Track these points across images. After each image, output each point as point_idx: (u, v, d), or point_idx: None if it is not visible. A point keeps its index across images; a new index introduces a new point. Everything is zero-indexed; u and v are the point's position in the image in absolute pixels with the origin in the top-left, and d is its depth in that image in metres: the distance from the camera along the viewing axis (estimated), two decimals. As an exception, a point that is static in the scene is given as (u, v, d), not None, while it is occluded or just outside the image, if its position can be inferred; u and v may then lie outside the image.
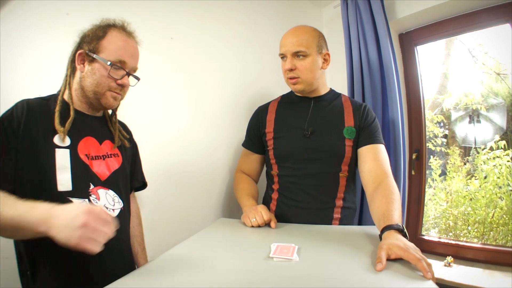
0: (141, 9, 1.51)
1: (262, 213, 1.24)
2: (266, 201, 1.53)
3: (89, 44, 1.02)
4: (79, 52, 1.03)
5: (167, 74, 1.61)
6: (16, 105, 0.97)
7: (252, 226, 1.23)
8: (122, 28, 1.08)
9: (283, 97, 1.59)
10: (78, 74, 1.06)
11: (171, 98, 1.63)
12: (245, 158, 1.63)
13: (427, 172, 2.15)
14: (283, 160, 1.44)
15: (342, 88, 1.96)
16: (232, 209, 1.84)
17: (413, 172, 2.06)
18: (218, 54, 1.83)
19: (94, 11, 1.32)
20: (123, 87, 1.08)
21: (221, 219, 1.46)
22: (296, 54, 1.36)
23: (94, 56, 1.01)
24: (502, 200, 2.31)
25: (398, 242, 0.85)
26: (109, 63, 1.00)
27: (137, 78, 1.14)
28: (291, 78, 1.40)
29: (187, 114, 1.69)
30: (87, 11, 1.31)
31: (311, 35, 1.38)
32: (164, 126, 1.59)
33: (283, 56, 1.41)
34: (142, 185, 1.35)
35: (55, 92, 1.12)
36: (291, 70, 1.38)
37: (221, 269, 0.84)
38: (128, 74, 1.07)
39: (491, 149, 2.44)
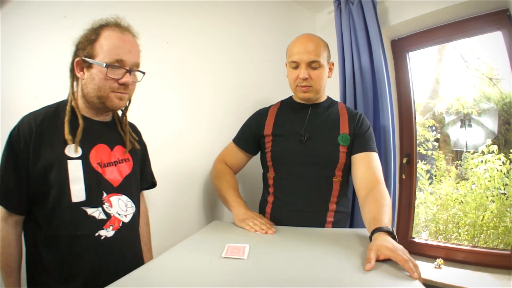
0: (138, 12, 1.52)
1: (260, 222, 1.26)
2: (262, 205, 1.55)
3: (84, 50, 1.00)
4: (76, 60, 1.01)
5: (163, 77, 1.62)
6: (23, 121, 0.97)
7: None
8: (115, 25, 1.03)
9: (283, 102, 1.61)
10: (80, 81, 1.04)
11: (167, 100, 1.64)
12: (232, 152, 1.63)
13: (417, 176, 2.18)
14: (279, 163, 1.46)
15: (335, 94, 1.98)
16: (227, 211, 1.85)
17: (403, 176, 2.09)
18: (213, 56, 1.85)
19: (91, 14, 1.33)
20: (126, 86, 1.03)
21: (215, 221, 1.47)
22: (311, 64, 1.39)
23: (90, 61, 0.98)
24: (492, 203, 2.34)
25: (387, 244, 0.88)
26: (104, 64, 0.97)
27: (142, 73, 1.09)
28: (303, 86, 1.42)
29: (183, 116, 1.70)
30: (84, 14, 1.31)
31: (322, 45, 1.41)
32: (160, 129, 1.60)
33: (296, 65, 1.41)
34: (151, 184, 1.36)
35: (52, 94, 1.13)
36: (305, 79, 1.40)
37: (209, 272, 0.86)
38: (129, 71, 1.02)
39: (483, 153, 2.48)
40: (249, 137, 1.58)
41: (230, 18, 1.96)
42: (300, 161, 1.42)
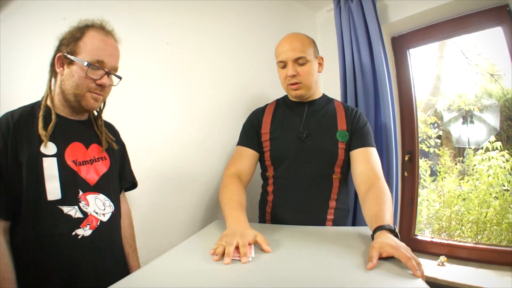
0: (137, 14, 1.53)
1: (249, 237, 0.99)
2: (261, 204, 1.54)
3: (67, 47, 1.00)
4: (58, 55, 1.01)
5: (163, 77, 1.63)
6: (0, 120, 0.96)
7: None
8: (100, 28, 1.05)
9: (278, 101, 1.61)
10: (59, 78, 1.04)
11: (165, 100, 1.64)
12: (240, 155, 1.50)
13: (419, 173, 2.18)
14: (278, 162, 1.46)
15: (335, 92, 1.99)
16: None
17: (405, 174, 2.08)
18: (211, 56, 1.85)
19: (90, 17, 1.33)
20: (103, 88, 1.05)
21: (217, 221, 1.47)
22: (297, 61, 1.39)
23: (72, 58, 0.99)
24: (496, 200, 2.33)
25: (390, 241, 0.88)
26: (86, 63, 0.98)
27: (119, 77, 1.11)
28: (292, 84, 1.42)
29: (182, 115, 1.70)
30: (83, 16, 1.31)
31: (307, 41, 1.43)
32: (158, 128, 1.60)
33: (283, 64, 1.43)
34: (132, 185, 1.34)
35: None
36: (293, 76, 1.40)
37: (213, 272, 0.85)
38: (108, 73, 1.04)
39: (486, 149, 2.47)
40: (254, 134, 1.53)
41: (229, 18, 1.96)
42: (299, 159, 1.41)
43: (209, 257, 0.93)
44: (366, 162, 1.34)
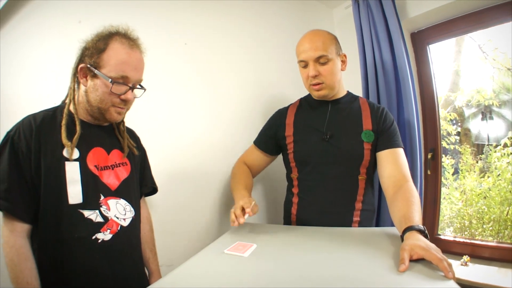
0: (155, 15, 1.52)
1: (240, 204, 1.22)
2: (287, 206, 1.53)
3: (90, 58, 0.99)
4: (80, 66, 1.00)
5: (182, 78, 1.62)
6: (23, 122, 0.97)
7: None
8: (124, 37, 1.02)
9: (302, 100, 1.59)
10: (82, 88, 1.04)
11: (187, 102, 1.63)
12: (251, 153, 1.64)
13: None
14: (303, 163, 1.44)
15: (357, 89, 1.94)
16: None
17: (428, 172, 2.05)
18: (229, 55, 1.83)
19: (106, 19, 1.31)
20: (127, 102, 1.05)
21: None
22: (318, 60, 1.35)
23: (96, 71, 0.98)
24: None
25: (420, 243, 0.86)
26: (110, 80, 0.97)
27: (143, 88, 1.10)
28: (315, 85, 1.39)
29: (201, 117, 1.69)
30: (99, 19, 1.28)
31: (328, 39, 1.38)
32: (180, 130, 1.59)
33: (304, 64, 1.39)
34: (152, 190, 1.35)
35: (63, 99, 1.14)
36: (315, 76, 1.37)
37: (242, 273, 0.85)
38: (132, 88, 1.04)
39: (505, 145, 2.42)
40: (269, 138, 1.56)
41: (247, 17, 1.95)
42: (323, 161, 1.39)
43: (233, 260, 0.94)
44: (394, 164, 1.31)
